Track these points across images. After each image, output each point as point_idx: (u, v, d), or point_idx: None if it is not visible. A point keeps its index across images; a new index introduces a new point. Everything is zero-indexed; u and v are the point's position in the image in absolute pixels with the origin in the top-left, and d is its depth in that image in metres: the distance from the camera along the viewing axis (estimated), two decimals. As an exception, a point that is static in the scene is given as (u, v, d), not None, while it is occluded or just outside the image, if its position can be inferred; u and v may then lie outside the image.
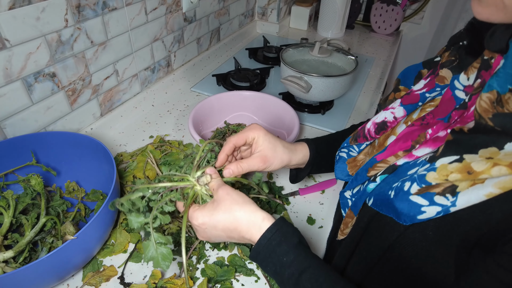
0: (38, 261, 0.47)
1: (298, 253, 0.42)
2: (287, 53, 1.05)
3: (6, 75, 0.65)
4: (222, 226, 0.46)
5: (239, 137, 0.55)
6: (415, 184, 0.37)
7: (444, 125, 0.40)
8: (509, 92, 0.32)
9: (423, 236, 0.38)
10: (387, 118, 0.50)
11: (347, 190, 0.53)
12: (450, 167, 0.34)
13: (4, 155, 0.65)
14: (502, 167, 0.31)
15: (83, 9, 0.76)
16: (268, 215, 0.45)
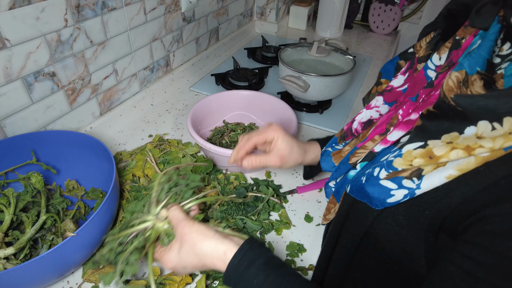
0: (39, 258, 0.48)
1: (267, 274, 0.42)
2: (286, 53, 1.06)
3: (6, 75, 0.65)
4: (190, 265, 0.47)
5: (260, 136, 0.59)
6: (383, 170, 0.38)
7: (413, 104, 0.42)
8: (476, 74, 0.33)
9: (395, 221, 0.39)
10: (372, 116, 0.52)
11: (331, 180, 0.54)
12: (414, 153, 0.35)
13: (4, 153, 0.66)
14: (459, 150, 0.32)
15: (83, 9, 0.76)
16: (232, 245, 0.44)
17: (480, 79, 0.33)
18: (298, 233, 0.70)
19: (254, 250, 0.44)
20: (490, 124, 0.31)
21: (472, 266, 0.31)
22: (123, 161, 0.81)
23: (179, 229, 0.47)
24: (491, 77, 0.33)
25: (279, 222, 0.70)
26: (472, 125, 0.32)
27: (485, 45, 0.33)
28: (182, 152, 0.81)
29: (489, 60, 0.33)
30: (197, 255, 0.45)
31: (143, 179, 0.75)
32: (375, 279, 0.47)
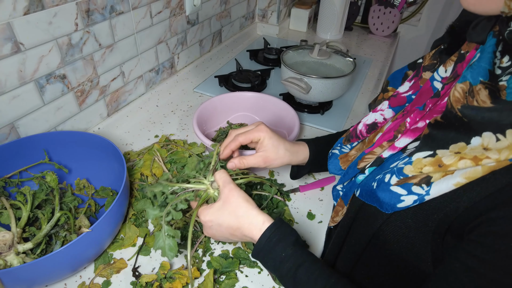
0: (56, 252, 0.50)
1: (295, 250, 0.46)
2: (287, 55, 1.09)
3: (20, 77, 0.68)
4: (226, 225, 0.50)
5: (246, 136, 0.60)
6: (394, 176, 0.41)
7: (421, 113, 0.44)
8: (480, 84, 0.35)
9: (403, 223, 0.41)
10: (377, 120, 0.54)
11: (339, 184, 0.56)
12: (424, 161, 0.38)
13: (18, 153, 0.68)
14: (467, 160, 0.34)
15: (92, 13, 0.79)
16: (268, 217, 0.49)
17: (485, 88, 0.35)
18: (301, 230, 0.72)
19: (286, 227, 0.48)
20: (494, 135, 0.33)
21: (476, 263, 0.33)
22: (130, 161, 0.84)
23: (226, 190, 0.51)
24: (495, 86, 0.35)
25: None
26: (477, 136, 0.34)
27: (485, 57, 0.36)
28: (188, 152, 0.83)
29: (491, 70, 0.36)
30: (237, 216, 0.49)
31: (151, 178, 0.78)
32: (381, 276, 0.50)
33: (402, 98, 0.52)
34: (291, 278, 0.46)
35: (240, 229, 0.49)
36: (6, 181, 0.63)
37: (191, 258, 0.53)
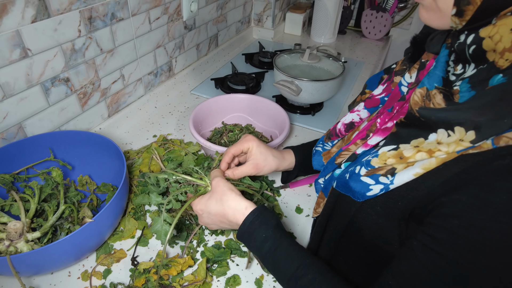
0: (61, 240, 0.55)
1: (275, 232, 0.52)
2: (280, 59, 1.14)
3: (27, 81, 0.73)
4: (214, 212, 0.57)
5: (236, 148, 0.68)
6: (363, 168, 0.46)
7: (389, 115, 0.49)
8: (435, 89, 0.40)
9: (373, 211, 0.46)
10: (354, 119, 0.60)
11: (320, 178, 0.61)
12: (388, 154, 0.43)
13: (25, 151, 0.73)
14: (423, 152, 0.39)
15: (94, 20, 0.84)
16: (251, 204, 0.55)
17: (440, 92, 0.40)
18: (289, 222, 0.77)
19: (268, 212, 0.54)
20: (446, 131, 0.38)
21: (429, 241, 0.38)
22: (130, 159, 0.89)
23: (214, 182, 0.58)
24: (449, 91, 0.40)
25: (272, 214, 0.78)
26: (433, 132, 0.39)
27: (439, 66, 0.41)
28: (185, 150, 0.88)
29: (444, 77, 0.41)
30: (223, 204, 0.55)
31: (149, 175, 0.83)
32: (357, 260, 0.55)
33: (376, 100, 0.57)
34: (271, 258, 0.51)
35: (226, 216, 0.55)
36: (14, 177, 0.68)
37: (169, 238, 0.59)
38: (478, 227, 0.34)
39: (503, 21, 0.34)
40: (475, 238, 0.34)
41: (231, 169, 0.67)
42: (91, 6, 0.81)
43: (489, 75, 0.36)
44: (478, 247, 0.34)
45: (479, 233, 0.34)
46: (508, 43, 0.33)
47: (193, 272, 0.65)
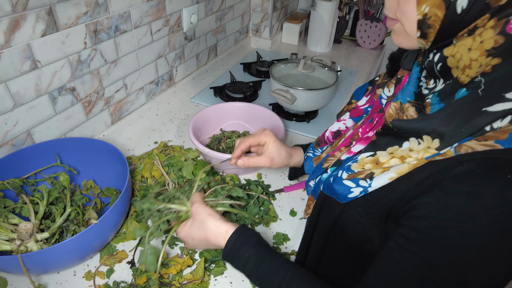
0: (68, 240, 0.59)
1: (257, 249, 0.54)
2: (276, 68, 1.19)
3: (36, 90, 0.78)
4: (198, 238, 0.59)
5: (254, 139, 0.72)
6: (345, 172, 0.50)
7: (370, 125, 0.54)
8: (408, 103, 0.45)
9: (356, 211, 0.50)
10: (340, 128, 0.64)
11: (310, 180, 0.66)
12: (366, 160, 0.47)
13: (33, 157, 0.77)
14: (396, 158, 0.44)
15: (99, 33, 0.89)
16: (231, 226, 0.57)
17: (412, 106, 0.45)
18: (284, 225, 0.81)
19: (248, 231, 0.57)
20: (417, 140, 0.42)
21: (404, 241, 0.42)
22: (132, 165, 0.93)
23: (193, 209, 0.60)
24: (421, 104, 0.45)
25: (268, 216, 0.82)
26: (406, 141, 0.44)
27: (411, 82, 0.46)
28: (184, 156, 0.92)
29: (416, 92, 0.46)
30: (204, 229, 0.58)
31: (151, 180, 0.87)
32: (344, 256, 0.59)
33: (360, 110, 0.62)
34: (256, 275, 0.54)
35: (209, 240, 0.58)
36: (24, 181, 0.72)
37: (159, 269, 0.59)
38: (443, 227, 0.38)
39: (461, 41, 0.38)
40: (441, 237, 0.38)
41: (246, 157, 0.71)
42: (96, 20, 0.86)
43: (454, 89, 0.40)
44: (444, 245, 0.38)
45: (444, 232, 0.38)
46: (467, 61, 0.38)
47: (191, 272, 0.69)
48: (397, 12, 0.43)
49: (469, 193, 0.37)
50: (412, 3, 0.39)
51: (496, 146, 0.37)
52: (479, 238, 0.36)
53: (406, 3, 0.40)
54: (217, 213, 0.59)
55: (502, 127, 0.37)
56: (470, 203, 0.37)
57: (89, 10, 0.83)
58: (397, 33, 0.45)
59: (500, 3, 0.35)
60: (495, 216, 0.36)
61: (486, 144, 0.38)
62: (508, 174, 0.36)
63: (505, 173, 0.36)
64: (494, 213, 0.36)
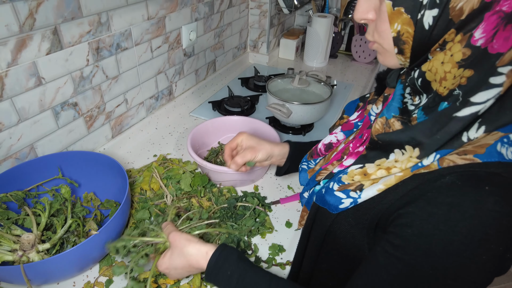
0: (69, 251, 0.61)
1: (238, 265, 0.55)
2: (273, 83, 1.22)
3: (40, 106, 0.81)
4: (180, 266, 0.60)
5: (231, 143, 0.80)
6: (335, 184, 0.53)
7: (360, 141, 0.57)
8: (393, 118, 0.47)
9: (347, 222, 0.53)
10: (332, 141, 0.67)
11: (305, 192, 0.68)
12: (355, 172, 0.50)
13: (36, 170, 0.79)
14: (383, 170, 0.46)
15: (101, 50, 0.92)
16: (211, 247, 0.58)
17: (397, 120, 0.47)
18: (279, 236, 0.83)
19: (228, 249, 0.58)
20: (401, 151, 0.45)
21: (389, 247, 0.44)
22: (131, 177, 0.95)
23: (170, 238, 0.61)
24: (407, 119, 0.47)
25: (264, 228, 0.84)
26: (392, 153, 0.46)
27: (396, 99, 0.49)
28: (183, 169, 0.95)
29: (401, 107, 0.48)
30: (184, 256, 0.58)
31: (149, 192, 0.89)
32: (337, 266, 0.61)
33: (351, 124, 0.65)
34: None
35: (191, 265, 0.58)
36: (26, 194, 0.74)
37: None
38: (425, 235, 0.40)
39: (435, 56, 0.42)
40: (423, 244, 0.41)
41: (231, 162, 0.77)
42: (99, 38, 0.90)
43: (436, 102, 0.43)
44: (426, 252, 0.40)
45: (426, 240, 0.40)
46: (442, 73, 0.41)
47: (189, 282, 0.70)
48: (375, 34, 0.46)
49: (450, 203, 0.39)
50: (386, 23, 0.43)
51: (475, 160, 0.40)
52: (459, 246, 0.39)
53: (382, 24, 0.44)
54: (195, 237, 0.60)
55: (479, 138, 0.40)
56: (451, 213, 0.39)
57: (92, 29, 0.87)
58: (380, 53, 0.49)
59: (461, 18, 0.38)
60: (473, 225, 0.38)
61: (466, 158, 0.40)
62: (486, 186, 0.38)
63: (483, 185, 0.39)
64: (473, 222, 0.38)
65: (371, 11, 0.46)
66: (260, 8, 1.64)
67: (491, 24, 0.36)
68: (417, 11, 0.40)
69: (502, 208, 0.37)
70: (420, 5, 0.39)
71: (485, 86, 0.37)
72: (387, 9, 0.41)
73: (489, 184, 0.38)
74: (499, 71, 0.36)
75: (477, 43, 0.37)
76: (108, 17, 0.90)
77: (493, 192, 0.38)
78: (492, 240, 0.38)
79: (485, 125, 0.40)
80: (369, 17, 0.46)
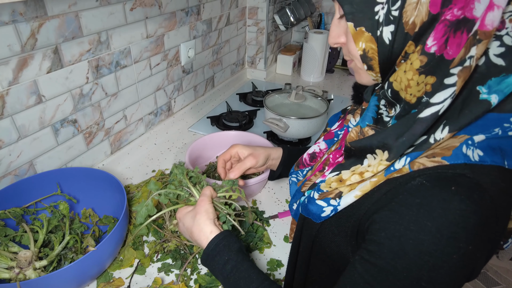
0: (66, 268, 0.61)
1: (237, 255, 0.57)
2: (270, 98, 1.24)
3: (40, 123, 0.82)
4: (187, 225, 0.64)
5: (225, 154, 0.82)
6: (316, 192, 0.54)
7: (339, 152, 0.58)
8: (367, 126, 0.50)
9: (330, 231, 0.53)
10: (315, 150, 0.70)
11: (293, 204, 0.68)
12: (331, 179, 0.52)
13: (34, 186, 0.80)
14: (356, 174, 0.48)
15: (101, 68, 0.94)
16: (217, 229, 0.61)
17: (372, 129, 0.50)
18: (278, 251, 0.83)
19: (231, 237, 0.60)
20: (372, 155, 0.47)
21: (365, 253, 0.45)
22: (130, 193, 0.95)
23: (199, 200, 0.65)
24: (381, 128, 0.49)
25: (262, 242, 0.84)
26: (366, 159, 0.48)
27: (370, 109, 0.51)
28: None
29: (375, 117, 0.51)
30: (194, 221, 0.62)
31: (148, 207, 0.89)
32: (325, 278, 0.61)
33: (332, 134, 0.68)
34: (232, 279, 0.56)
35: (193, 233, 0.62)
36: (24, 210, 0.75)
37: (146, 222, 0.67)
38: (397, 236, 0.41)
39: (399, 67, 0.44)
40: (396, 246, 0.41)
41: (231, 171, 0.78)
42: (98, 56, 0.92)
43: (406, 110, 0.45)
44: (399, 253, 0.41)
45: (398, 241, 0.41)
46: (406, 81, 0.43)
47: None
48: (349, 54, 0.50)
49: (420, 204, 0.41)
50: (353, 43, 0.46)
51: (443, 162, 0.42)
52: (429, 245, 0.39)
53: (350, 45, 0.47)
54: (214, 214, 0.63)
55: (445, 140, 0.42)
56: (421, 213, 0.40)
57: (92, 48, 0.89)
58: (356, 71, 0.52)
59: (415, 31, 0.41)
60: (441, 223, 0.39)
61: (434, 160, 0.42)
62: (453, 186, 0.40)
63: (450, 185, 0.40)
64: (441, 221, 0.39)
65: (342, 35, 0.50)
66: (257, 25, 1.67)
67: (439, 32, 0.39)
68: (376, 28, 0.43)
69: (467, 207, 0.39)
70: (377, 23, 0.43)
71: (441, 87, 0.40)
72: (350, 30, 0.45)
73: (455, 184, 0.40)
74: (451, 72, 0.39)
75: (431, 50, 0.40)
76: (107, 36, 0.93)
77: (459, 191, 0.39)
78: (461, 238, 0.39)
79: (448, 125, 0.42)
80: (341, 41, 0.50)
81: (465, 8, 0.37)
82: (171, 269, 0.76)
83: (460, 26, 0.38)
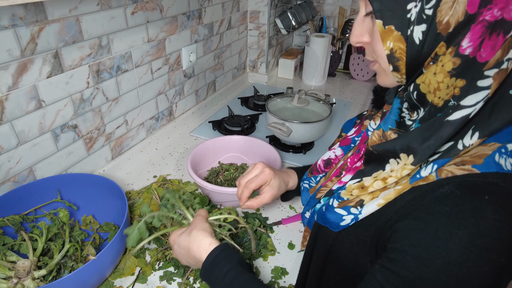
0: (66, 277, 0.59)
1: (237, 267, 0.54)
2: (273, 103, 1.23)
3: (40, 128, 0.80)
4: (182, 245, 0.60)
5: (257, 183, 0.72)
6: (335, 200, 0.52)
7: (357, 155, 0.56)
8: (390, 130, 0.48)
9: (349, 240, 0.51)
10: (330, 156, 0.67)
11: (306, 211, 0.67)
12: (353, 186, 0.50)
13: (34, 193, 0.78)
14: (379, 181, 0.46)
15: (101, 73, 0.93)
16: (216, 241, 0.58)
17: (394, 133, 0.48)
18: (282, 258, 0.81)
19: (230, 250, 0.57)
20: (395, 160, 0.45)
21: (386, 262, 0.43)
22: (131, 199, 0.94)
23: (194, 219, 0.63)
24: (404, 132, 0.48)
25: (266, 250, 0.82)
26: (388, 164, 0.46)
27: (393, 112, 0.49)
28: (182, 190, 0.94)
29: (398, 121, 0.49)
30: (190, 237, 0.59)
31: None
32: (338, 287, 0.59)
33: (348, 140, 0.65)
34: None
35: (191, 250, 0.58)
36: (23, 218, 0.73)
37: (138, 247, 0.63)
38: (423, 245, 0.39)
39: (428, 69, 0.42)
40: (421, 254, 0.39)
41: (251, 200, 0.72)
42: (99, 61, 0.91)
43: (432, 114, 0.43)
44: (424, 262, 0.39)
45: (425, 250, 0.39)
46: (435, 84, 0.42)
47: None
48: (373, 55, 0.47)
49: (450, 212, 0.39)
50: (380, 43, 0.44)
51: (473, 171, 0.40)
52: (460, 255, 0.37)
53: (376, 44, 0.45)
54: (210, 229, 0.61)
55: (475, 146, 0.41)
56: (451, 221, 0.38)
57: (93, 52, 0.88)
58: (379, 73, 0.50)
59: (449, 31, 0.39)
60: (474, 233, 0.37)
61: (464, 168, 0.41)
62: (485, 195, 0.38)
63: (482, 194, 0.38)
64: (473, 231, 0.37)
65: (365, 34, 0.47)
66: (259, 29, 1.67)
67: (477, 33, 0.37)
68: (406, 27, 0.41)
69: (501, 217, 0.37)
70: (408, 22, 0.40)
71: (473, 90, 0.38)
72: (379, 28, 0.43)
73: (488, 194, 0.38)
74: (485, 74, 0.37)
75: (465, 52, 0.38)
76: (108, 40, 0.92)
77: (492, 201, 0.38)
78: (494, 250, 0.37)
79: (478, 131, 0.40)
80: (364, 40, 0.48)
81: (505, 9, 0.35)
82: (173, 278, 0.75)
83: (497, 28, 0.36)
